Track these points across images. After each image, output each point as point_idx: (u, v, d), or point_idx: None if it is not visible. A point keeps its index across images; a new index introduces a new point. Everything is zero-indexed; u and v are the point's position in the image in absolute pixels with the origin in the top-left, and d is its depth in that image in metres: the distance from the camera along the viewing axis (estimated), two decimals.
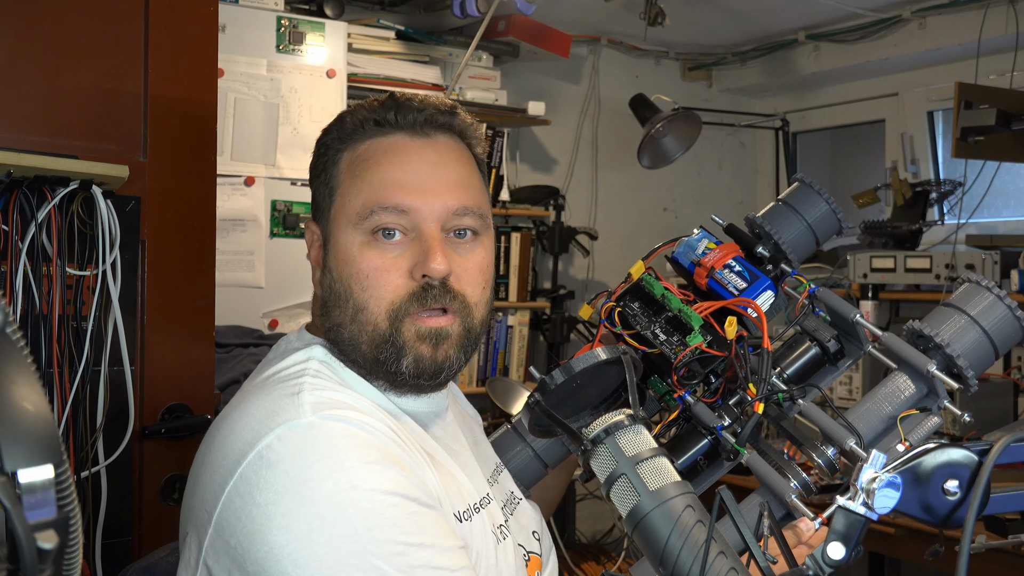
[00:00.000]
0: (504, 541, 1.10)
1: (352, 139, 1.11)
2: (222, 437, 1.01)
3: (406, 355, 1.05)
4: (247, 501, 0.94)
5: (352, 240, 1.07)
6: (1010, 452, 0.78)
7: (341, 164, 1.11)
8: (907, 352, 1.14)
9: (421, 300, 1.05)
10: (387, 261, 1.06)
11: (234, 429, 1.00)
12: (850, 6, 3.53)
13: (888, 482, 0.76)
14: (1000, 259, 3.02)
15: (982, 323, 1.12)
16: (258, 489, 0.94)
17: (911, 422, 1.12)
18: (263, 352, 2.86)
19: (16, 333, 0.55)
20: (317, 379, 1.04)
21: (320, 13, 3.09)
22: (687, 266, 1.26)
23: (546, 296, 3.82)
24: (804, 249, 1.27)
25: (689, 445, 1.15)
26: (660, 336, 1.17)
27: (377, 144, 1.10)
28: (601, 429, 0.87)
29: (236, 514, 0.95)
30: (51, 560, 0.50)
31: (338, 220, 1.09)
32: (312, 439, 0.95)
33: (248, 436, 0.98)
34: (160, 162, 1.75)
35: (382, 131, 1.10)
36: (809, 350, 1.20)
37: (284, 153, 2.99)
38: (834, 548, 0.75)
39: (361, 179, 1.08)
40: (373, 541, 0.92)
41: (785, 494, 1.06)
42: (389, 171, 1.07)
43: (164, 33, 1.76)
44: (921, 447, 0.80)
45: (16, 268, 1.54)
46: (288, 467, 0.94)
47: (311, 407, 0.98)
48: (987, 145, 2.97)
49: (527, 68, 3.83)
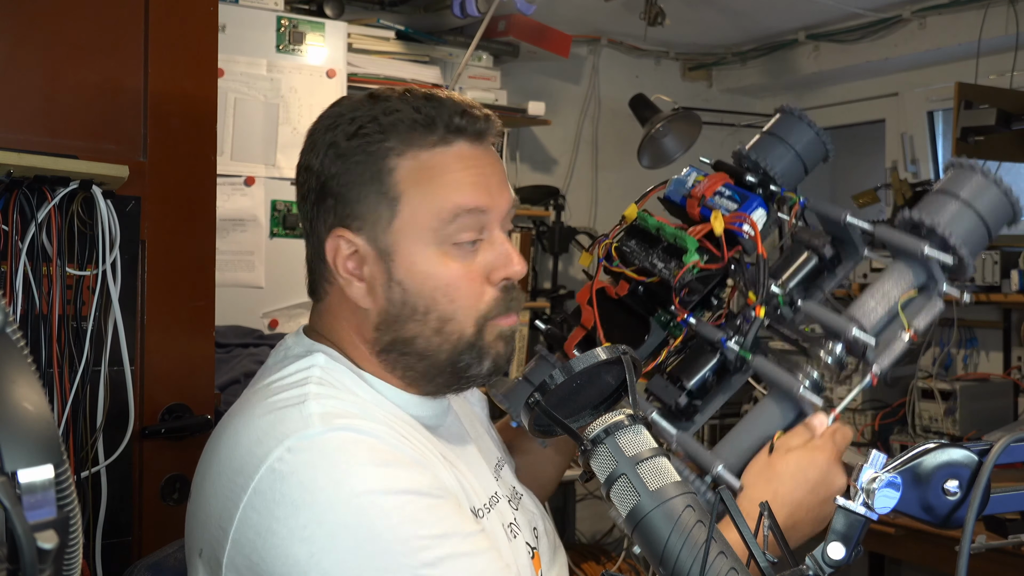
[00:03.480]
0: (515, 539, 1.11)
1: (411, 141, 1.05)
2: (228, 448, 1.01)
3: (487, 357, 1.08)
4: (264, 516, 0.94)
5: (428, 252, 1.05)
6: (1010, 452, 0.78)
7: (399, 171, 1.04)
8: (900, 240, 1.14)
9: (507, 304, 1.08)
10: (468, 269, 1.06)
11: (240, 441, 0.99)
12: (850, 6, 3.53)
13: (888, 482, 0.76)
14: (1000, 259, 3.02)
15: (975, 205, 1.12)
16: (275, 503, 0.93)
17: (913, 309, 1.12)
18: (263, 352, 2.88)
19: (16, 333, 0.55)
20: (321, 387, 1.03)
21: (320, 13, 3.09)
22: (679, 201, 1.28)
23: (546, 296, 3.82)
24: (794, 177, 1.28)
25: (698, 365, 1.16)
26: (658, 265, 1.18)
27: (444, 154, 1.06)
28: (601, 429, 0.87)
29: (255, 530, 0.94)
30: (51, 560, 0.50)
31: (406, 232, 1.04)
32: (323, 449, 0.95)
33: (257, 449, 0.97)
34: (160, 162, 1.75)
35: (444, 139, 1.06)
36: (808, 261, 1.21)
37: (284, 153, 2.99)
38: (834, 548, 0.75)
39: (433, 191, 1.04)
40: (396, 540, 0.92)
41: (794, 387, 1.07)
42: (462, 177, 1.05)
43: (164, 33, 1.76)
44: (921, 447, 0.80)
45: (16, 268, 1.54)
46: (302, 478, 0.93)
47: (319, 418, 0.97)
48: (987, 145, 2.97)
49: (527, 68, 3.83)
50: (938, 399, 3.04)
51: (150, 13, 1.75)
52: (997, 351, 3.37)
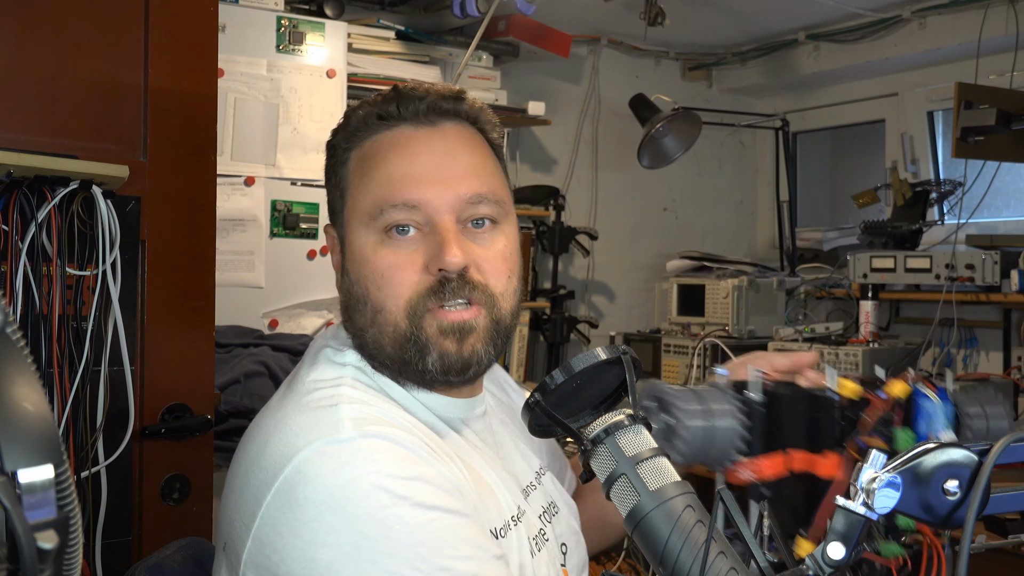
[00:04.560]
0: (539, 554, 1.08)
1: (358, 137, 1.09)
2: (258, 446, 1.00)
3: (430, 352, 1.03)
4: (287, 516, 0.93)
5: (366, 240, 1.05)
6: (1010, 452, 0.78)
7: (350, 164, 1.09)
8: None
9: (439, 294, 1.02)
10: (401, 258, 1.03)
11: (270, 440, 0.98)
12: (850, 6, 3.53)
13: (888, 482, 0.76)
14: (1000, 259, 3.02)
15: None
16: (299, 505, 0.92)
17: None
18: (263, 352, 2.88)
19: (16, 333, 0.55)
20: (355, 391, 1.02)
21: (320, 13, 3.10)
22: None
23: (546, 296, 3.82)
24: None
25: None
26: None
27: (382, 139, 1.07)
28: (601, 429, 0.87)
29: (276, 529, 0.93)
30: (51, 560, 0.50)
31: (351, 221, 1.07)
32: (352, 455, 0.94)
33: (285, 449, 0.96)
34: (160, 162, 1.75)
35: (386, 125, 1.07)
36: None
37: (284, 153, 2.99)
38: (834, 548, 0.75)
39: (369, 177, 1.06)
40: (419, 557, 0.91)
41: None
42: (396, 166, 1.05)
43: (164, 33, 1.76)
44: (921, 447, 0.80)
45: (16, 268, 1.54)
46: (329, 483, 0.92)
47: (351, 423, 0.96)
48: (987, 145, 2.97)
49: (527, 68, 3.83)
50: None
51: (150, 13, 1.75)
52: (997, 351, 3.37)
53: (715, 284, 3.59)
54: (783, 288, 3.64)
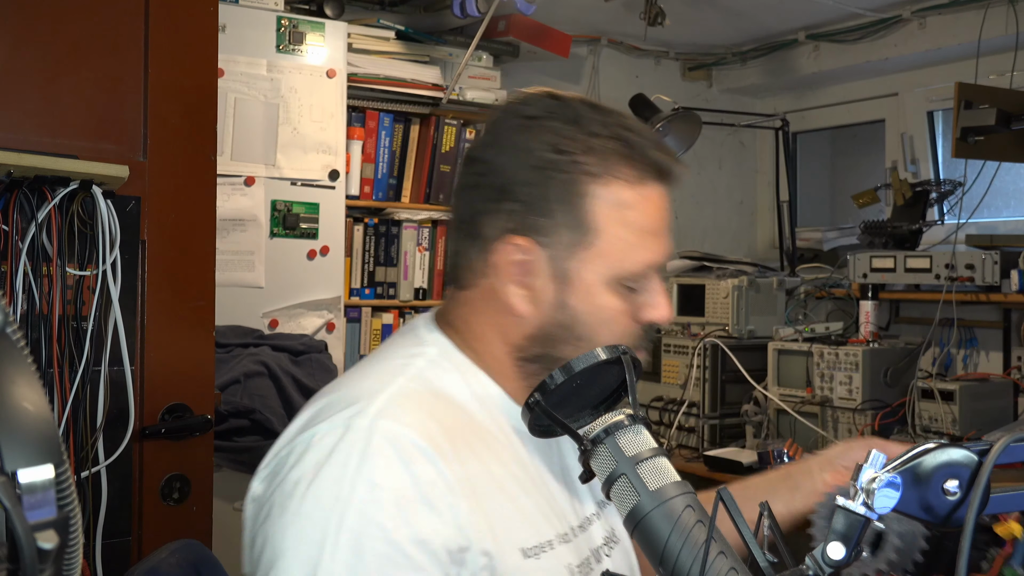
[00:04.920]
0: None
1: (613, 173, 1.04)
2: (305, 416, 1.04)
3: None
4: (285, 467, 0.98)
5: (605, 287, 1.05)
6: (1010, 452, 0.78)
7: (600, 199, 1.04)
8: None
9: (642, 343, 1.09)
10: (625, 306, 1.07)
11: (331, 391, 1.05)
12: (850, 6, 3.53)
13: (888, 482, 0.76)
14: (1000, 259, 3.02)
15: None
16: (293, 483, 0.96)
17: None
18: (263, 352, 2.88)
19: (16, 333, 0.55)
20: (393, 405, 1.01)
21: (320, 13, 3.09)
22: None
23: None
24: None
25: None
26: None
27: (647, 193, 1.06)
28: (601, 429, 0.87)
29: (268, 501, 0.98)
30: (51, 560, 0.50)
31: (593, 263, 1.05)
32: (349, 453, 0.95)
33: (316, 410, 1.02)
34: (160, 162, 1.75)
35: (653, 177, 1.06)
36: None
37: (284, 153, 2.99)
38: (834, 548, 0.75)
39: (637, 230, 1.05)
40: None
41: None
42: (657, 232, 1.07)
43: (164, 33, 1.76)
44: (921, 447, 0.80)
45: (16, 268, 1.54)
46: (312, 472, 0.95)
47: (376, 411, 0.98)
48: (987, 145, 2.97)
49: (527, 68, 3.83)
50: (938, 399, 3.04)
51: (150, 13, 1.75)
52: (997, 351, 3.37)
53: (715, 284, 3.59)
54: (783, 288, 3.64)
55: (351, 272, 3.33)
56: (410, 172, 3.47)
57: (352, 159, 3.26)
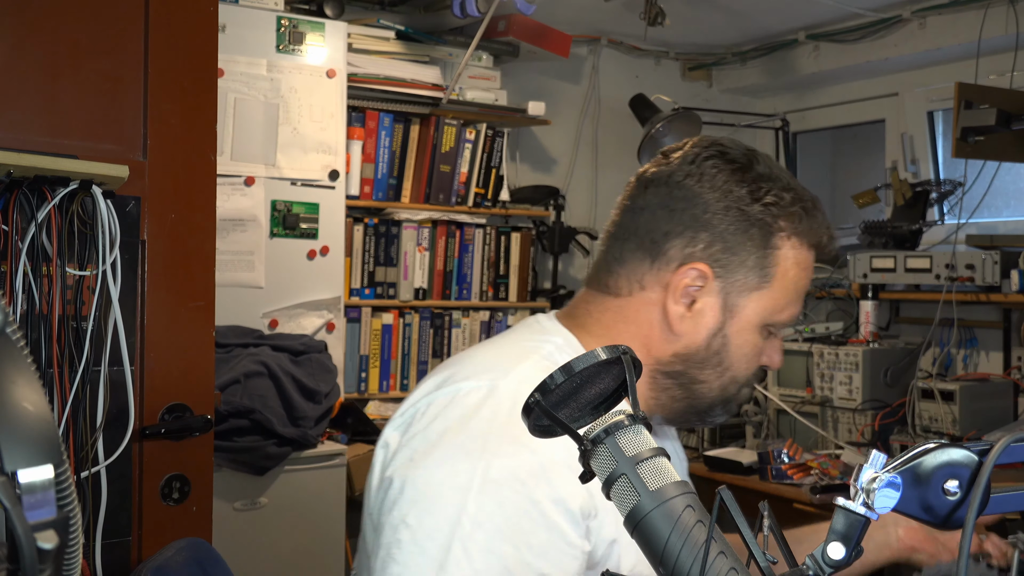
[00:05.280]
0: None
1: (800, 235, 1.17)
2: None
3: (730, 410, 1.24)
4: (424, 418, 1.07)
5: (756, 327, 1.18)
6: (1010, 452, 0.78)
7: (786, 252, 1.16)
8: None
9: (756, 380, 1.27)
10: (761, 347, 1.20)
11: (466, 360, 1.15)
12: (850, 6, 3.53)
13: (888, 482, 0.76)
14: (1000, 259, 3.02)
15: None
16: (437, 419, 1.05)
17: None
18: (263, 352, 2.88)
19: (16, 333, 0.55)
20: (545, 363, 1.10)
21: (320, 13, 3.10)
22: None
23: (546, 296, 3.82)
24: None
25: None
26: None
27: (807, 259, 1.19)
28: (601, 429, 0.86)
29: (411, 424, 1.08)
30: (51, 560, 0.50)
31: (759, 304, 1.17)
32: (483, 416, 1.04)
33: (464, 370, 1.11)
34: (160, 162, 1.75)
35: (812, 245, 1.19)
36: None
37: (284, 153, 3.00)
38: (834, 548, 0.75)
39: (795, 288, 1.19)
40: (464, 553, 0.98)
41: None
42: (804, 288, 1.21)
43: (164, 33, 1.76)
44: (921, 447, 0.80)
45: (16, 268, 1.54)
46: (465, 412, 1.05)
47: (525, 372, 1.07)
48: (987, 145, 2.97)
49: (527, 68, 3.83)
50: (938, 399, 3.04)
51: (150, 13, 1.75)
52: (997, 351, 3.37)
53: None
54: None
55: (351, 272, 3.34)
56: (410, 172, 3.47)
57: (352, 159, 3.27)
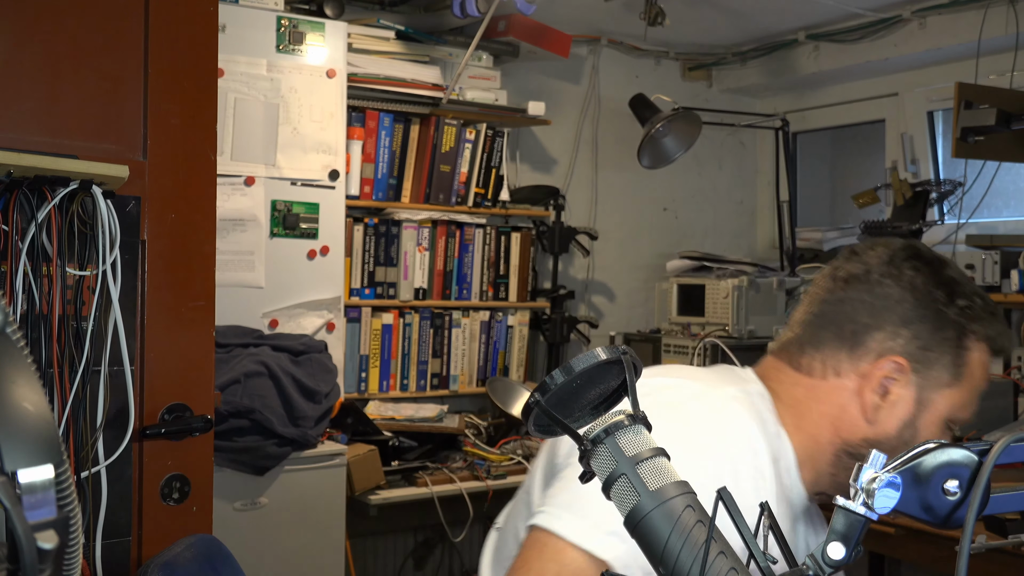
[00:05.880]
0: None
1: (988, 341, 1.23)
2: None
3: None
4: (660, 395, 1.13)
5: (942, 420, 1.22)
6: (1010, 452, 0.78)
7: (974, 354, 1.22)
8: None
9: None
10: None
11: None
12: (850, 6, 3.53)
13: (888, 482, 0.76)
14: (1000, 259, 3.02)
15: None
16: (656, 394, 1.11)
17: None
18: (263, 352, 2.88)
19: (16, 333, 0.55)
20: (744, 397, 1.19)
21: (320, 13, 3.10)
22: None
23: (546, 296, 3.82)
24: None
25: None
26: None
27: (989, 360, 1.24)
28: (601, 429, 0.87)
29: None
30: (51, 560, 0.50)
31: (948, 400, 1.21)
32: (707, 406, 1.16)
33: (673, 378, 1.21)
34: (160, 162, 1.75)
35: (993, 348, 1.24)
36: None
37: (284, 153, 2.99)
38: (834, 548, 0.75)
39: (979, 388, 1.24)
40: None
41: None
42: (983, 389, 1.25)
43: (164, 33, 1.76)
44: (921, 447, 0.80)
45: (16, 268, 1.54)
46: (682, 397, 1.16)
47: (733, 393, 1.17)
48: (987, 145, 2.97)
49: (527, 68, 3.83)
50: None
51: (150, 13, 1.75)
52: None
53: (715, 284, 3.59)
54: (783, 288, 3.64)
55: (351, 272, 3.34)
56: (410, 172, 3.47)
57: (352, 159, 3.27)
